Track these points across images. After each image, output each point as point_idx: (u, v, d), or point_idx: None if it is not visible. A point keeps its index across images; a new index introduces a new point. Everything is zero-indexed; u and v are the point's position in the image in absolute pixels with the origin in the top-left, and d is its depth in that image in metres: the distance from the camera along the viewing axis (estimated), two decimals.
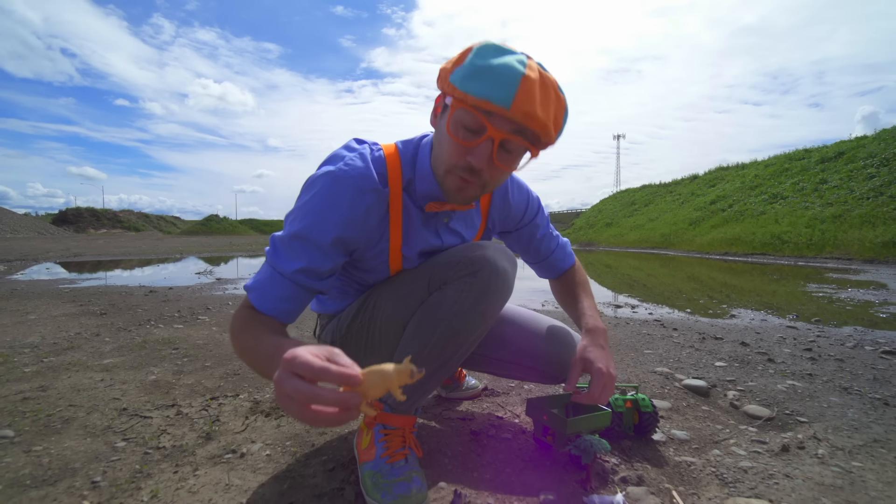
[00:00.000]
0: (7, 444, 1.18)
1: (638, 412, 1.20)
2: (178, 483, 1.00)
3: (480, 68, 0.72)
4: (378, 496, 0.87)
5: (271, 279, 0.83)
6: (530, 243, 1.17)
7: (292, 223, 0.84)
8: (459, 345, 0.91)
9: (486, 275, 0.87)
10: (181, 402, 1.48)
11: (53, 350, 2.16)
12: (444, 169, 0.83)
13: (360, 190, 0.83)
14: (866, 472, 1.06)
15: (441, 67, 0.81)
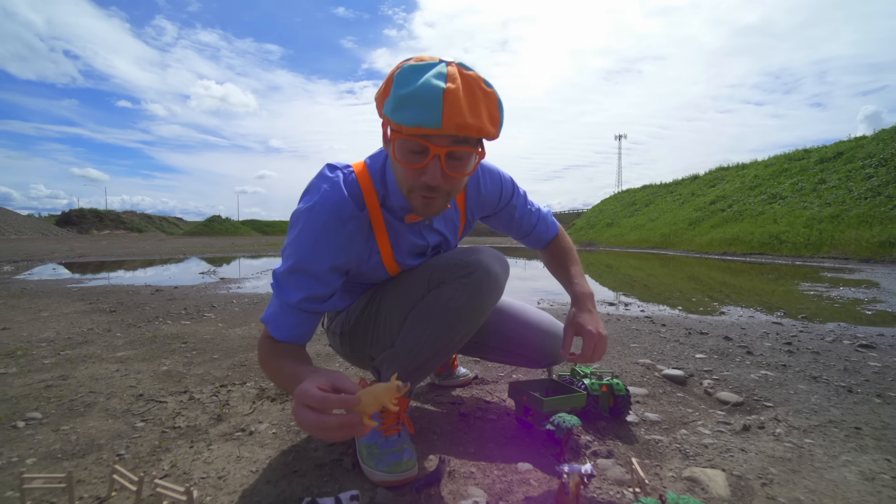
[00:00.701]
0: (36, 424, 1.30)
1: (613, 396, 1.31)
2: (195, 456, 1.11)
3: (403, 98, 0.76)
4: (373, 464, 0.98)
5: (281, 311, 0.94)
6: (511, 223, 1.25)
7: (288, 258, 0.92)
8: (452, 337, 1.02)
9: (480, 277, 0.97)
10: (193, 389, 1.60)
11: (69, 344, 2.28)
12: (406, 190, 0.88)
13: (340, 219, 0.90)
14: (816, 447, 1.16)
15: (375, 95, 0.85)
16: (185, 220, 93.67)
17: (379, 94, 0.84)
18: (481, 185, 1.14)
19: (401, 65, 0.81)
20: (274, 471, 1.04)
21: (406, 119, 0.76)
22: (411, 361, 1.03)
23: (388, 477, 0.95)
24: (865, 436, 1.23)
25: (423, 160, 0.81)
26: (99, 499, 0.92)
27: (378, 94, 0.84)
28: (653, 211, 22.95)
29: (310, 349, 2.18)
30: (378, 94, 0.84)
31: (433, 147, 0.79)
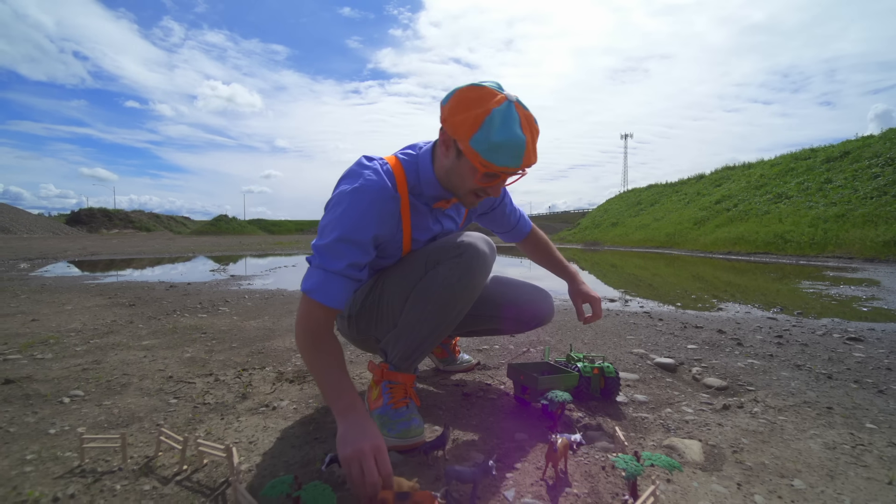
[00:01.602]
0: (80, 400, 1.44)
1: (604, 377, 1.42)
2: (226, 426, 1.24)
3: (498, 145, 0.95)
4: (385, 431, 1.10)
5: (326, 279, 1.03)
6: (501, 219, 1.50)
7: (332, 231, 1.03)
8: (448, 313, 1.14)
9: (470, 256, 1.10)
10: (217, 373, 1.73)
11: (96, 334, 2.43)
12: (465, 191, 1.09)
13: (383, 198, 1.06)
14: (787, 423, 1.27)
15: (450, 119, 0.99)
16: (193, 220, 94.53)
17: (459, 124, 0.97)
18: None
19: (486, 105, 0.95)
20: (297, 438, 1.17)
21: (499, 161, 0.96)
22: (413, 339, 1.16)
23: (399, 442, 1.08)
24: (836, 414, 1.34)
25: (495, 181, 1.06)
26: (147, 457, 1.05)
27: (458, 121, 0.97)
28: (658, 210, 22.93)
29: None
30: (458, 120, 0.97)
31: (504, 176, 1.05)
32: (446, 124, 1.01)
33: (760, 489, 0.93)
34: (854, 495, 0.91)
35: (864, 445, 1.13)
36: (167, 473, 0.99)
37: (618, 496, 0.90)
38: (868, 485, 0.95)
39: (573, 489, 0.92)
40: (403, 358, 1.19)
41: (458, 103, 0.98)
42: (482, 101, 0.96)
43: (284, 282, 5.38)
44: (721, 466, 1.03)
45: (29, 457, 1.06)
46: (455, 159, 1.05)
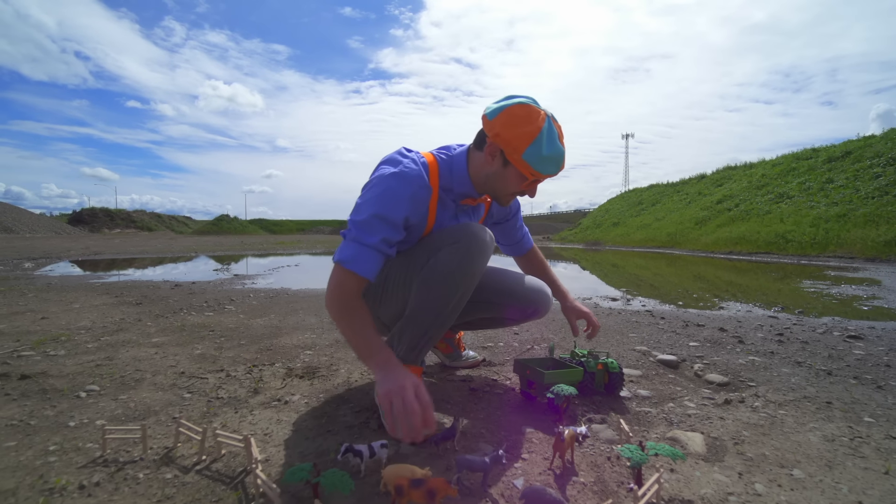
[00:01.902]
0: (97, 395, 1.48)
1: (608, 373, 1.46)
2: (240, 419, 1.28)
3: (548, 158, 1.12)
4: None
5: (360, 251, 1.12)
6: (510, 231, 1.63)
7: (370, 208, 1.12)
8: (449, 298, 1.19)
9: (467, 241, 1.17)
10: (228, 368, 1.77)
11: (106, 331, 2.47)
12: (506, 193, 1.23)
13: (418, 185, 1.16)
14: (788, 416, 1.30)
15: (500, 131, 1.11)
16: (194, 219, 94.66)
17: (513, 139, 1.11)
18: None
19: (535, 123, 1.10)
20: (310, 430, 1.20)
21: (545, 171, 1.14)
22: (418, 328, 1.22)
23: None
24: (835, 409, 1.37)
25: (534, 185, 1.22)
26: (167, 448, 1.09)
27: (511, 139, 1.11)
28: (659, 210, 22.93)
29: (327, 336, 2.35)
30: (511, 137, 1.11)
31: (540, 179, 1.20)
32: (498, 139, 1.13)
33: (761, 478, 0.96)
34: (851, 484, 0.94)
35: (863, 438, 1.16)
36: (187, 463, 1.02)
37: (623, 484, 0.93)
38: (865, 474, 0.98)
39: (580, 478, 0.96)
40: (410, 349, 1.24)
41: (509, 120, 1.11)
42: (530, 120, 1.10)
43: (287, 281, 5.41)
44: (723, 457, 1.06)
45: (51, 448, 1.10)
46: (501, 167, 1.18)
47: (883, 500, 0.89)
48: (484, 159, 1.19)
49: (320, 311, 3.17)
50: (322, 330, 2.51)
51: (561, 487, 0.92)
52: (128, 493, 0.91)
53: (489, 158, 1.18)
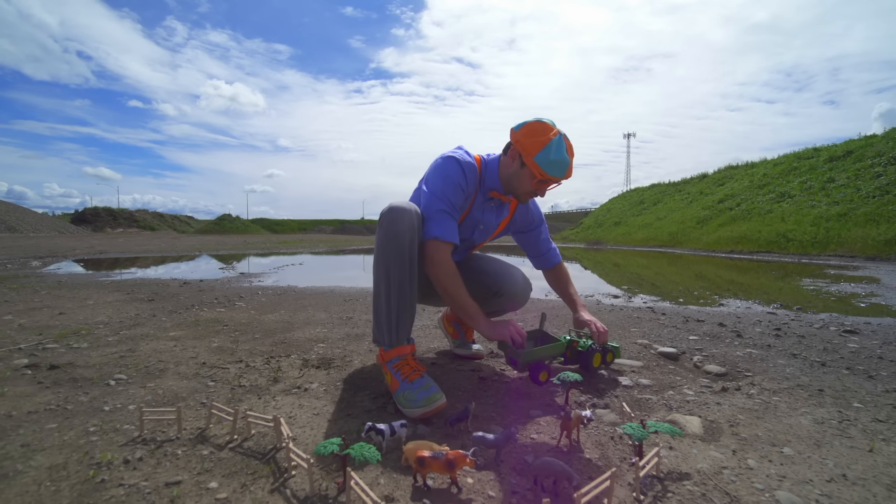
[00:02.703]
0: (125, 383, 1.56)
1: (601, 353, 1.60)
2: (265, 404, 1.36)
3: (555, 162, 1.39)
4: (410, 406, 1.23)
5: (444, 224, 1.40)
6: (535, 243, 1.82)
7: (436, 186, 1.44)
8: (387, 271, 1.33)
9: (385, 214, 1.35)
10: (246, 360, 1.85)
11: (123, 326, 2.55)
12: (524, 191, 1.50)
13: (471, 170, 1.50)
14: (781, 403, 1.38)
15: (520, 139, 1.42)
16: (196, 219, 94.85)
17: (530, 144, 1.40)
18: (530, 204, 1.76)
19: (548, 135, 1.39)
20: (331, 414, 1.28)
21: (553, 173, 1.41)
22: (379, 310, 1.38)
23: (425, 409, 1.22)
24: (826, 395, 1.44)
25: (546, 186, 1.49)
26: (200, 429, 1.17)
27: (528, 143, 1.40)
28: (661, 210, 22.97)
29: (338, 331, 2.42)
30: (528, 142, 1.40)
31: (551, 182, 1.46)
32: (518, 144, 1.44)
33: (753, 455, 1.04)
34: (837, 459, 1.02)
35: (850, 421, 1.24)
36: (220, 442, 1.10)
37: (625, 459, 1.01)
38: (850, 452, 1.06)
39: (585, 454, 1.03)
40: (386, 332, 1.37)
41: (528, 130, 1.42)
42: (544, 132, 1.40)
43: (293, 279, 5.49)
44: (719, 438, 1.14)
45: (91, 429, 1.18)
46: (519, 168, 1.46)
47: (865, 473, 0.96)
48: (507, 162, 1.50)
49: (329, 307, 3.25)
50: (332, 325, 2.59)
51: (568, 463, 1.00)
52: (169, 466, 0.99)
53: (511, 161, 1.48)
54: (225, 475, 0.95)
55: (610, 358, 1.66)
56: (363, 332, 2.38)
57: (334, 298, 3.71)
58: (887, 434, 1.16)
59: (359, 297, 3.80)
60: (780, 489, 0.90)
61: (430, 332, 2.39)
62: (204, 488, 0.90)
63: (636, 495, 0.86)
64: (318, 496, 0.87)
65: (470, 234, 1.63)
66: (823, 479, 0.94)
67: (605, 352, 1.64)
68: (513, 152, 1.46)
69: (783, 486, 0.91)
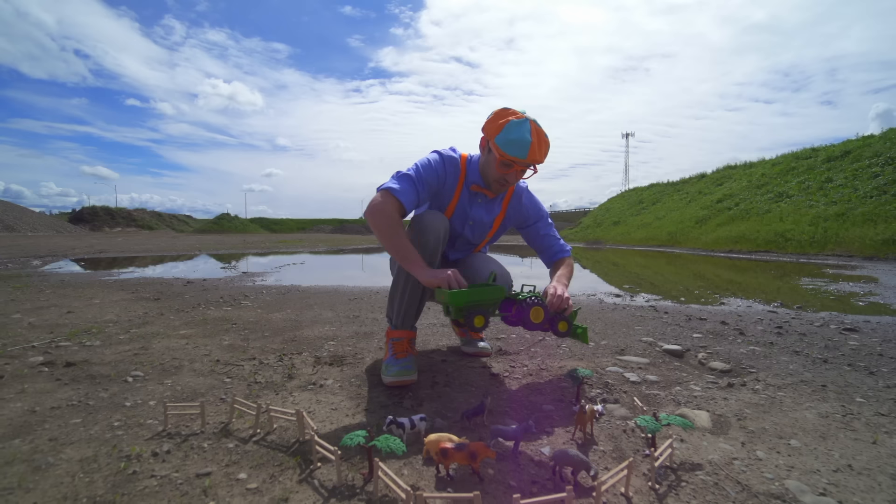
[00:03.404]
0: (142, 379, 1.59)
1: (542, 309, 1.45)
2: (282, 400, 1.39)
3: (511, 141, 1.42)
4: (387, 374, 1.49)
5: (402, 184, 1.48)
6: (535, 238, 1.80)
7: (414, 166, 1.54)
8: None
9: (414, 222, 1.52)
10: (259, 357, 1.88)
11: (133, 324, 2.57)
12: (492, 179, 1.55)
13: (451, 163, 1.61)
14: (786, 397, 1.41)
15: (485, 126, 1.49)
16: (195, 218, 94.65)
17: (490, 128, 1.47)
18: (523, 199, 1.76)
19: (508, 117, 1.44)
20: (349, 409, 1.31)
21: (510, 152, 1.44)
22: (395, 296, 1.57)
23: (394, 380, 1.45)
24: (829, 391, 1.48)
25: (510, 170, 1.50)
26: (222, 423, 1.20)
27: (489, 128, 1.47)
28: (660, 209, 23.03)
29: (347, 329, 2.45)
30: (489, 128, 1.47)
31: (516, 166, 1.48)
32: (484, 131, 1.50)
33: (762, 447, 1.07)
34: (842, 451, 1.05)
35: (854, 415, 1.28)
36: (244, 435, 1.13)
37: (638, 451, 1.04)
38: (855, 444, 1.09)
39: (599, 446, 1.07)
40: (396, 315, 1.58)
41: (491, 116, 1.48)
42: (504, 115, 1.46)
43: (296, 279, 5.52)
44: (727, 431, 1.17)
45: (115, 423, 1.21)
46: (487, 154, 1.54)
47: (870, 463, 1.00)
48: (482, 153, 1.58)
49: (335, 306, 3.28)
50: (341, 323, 2.62)
51: (584, 454, 1.03)
52: (197, 459, 1.02)
53: (482, 151, 1.57)
54: (253, 467, 0.98)
55: (563, 327, 1.48)
56: (372, 331, 2.41)
57: (339, 297, 3.74)
58: (890, 427, 1.19)
59: (363, 295, 3.83)
60: (788, 478, 0.93)
61: (438, 331, 2.42)
62: (234, 479, 0.93)
63: (651, 484, 0.89)
64: (345, 486, 0.90)
65: (461, 229, 1.69)
66: (830, 469, 0.97)
67: (554, 318, 1.48)
68: (482, 141, 1.54)
69: (792, 475, 0.95)
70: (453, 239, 1.74)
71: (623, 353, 1.96)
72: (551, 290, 1.51)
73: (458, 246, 1.77)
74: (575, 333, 1.56)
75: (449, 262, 1.80)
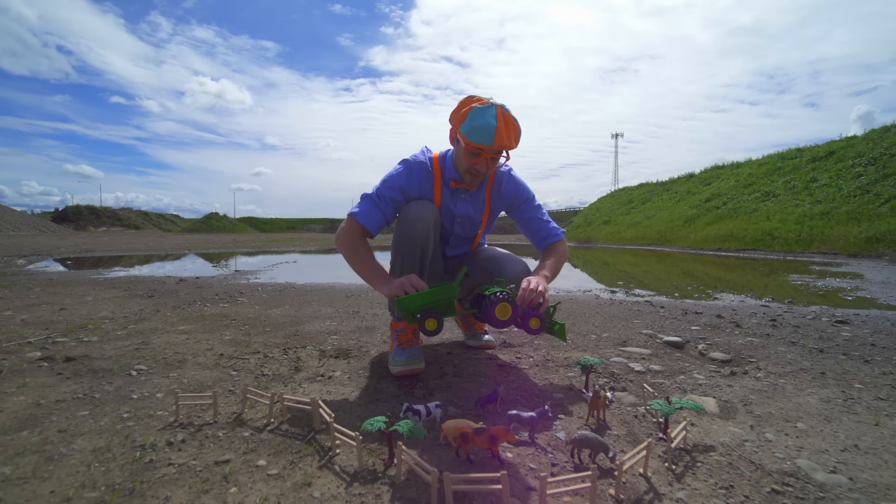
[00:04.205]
0: (147, 373, 1.57)
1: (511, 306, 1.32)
2: (291, 391, 1.38)
3: (474, 127, 1.37)
4: (394, 364, 1.50)
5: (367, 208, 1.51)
6: (521, 223, 1.74)
7: (381, 183, 1.53)
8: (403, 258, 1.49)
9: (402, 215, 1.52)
10: (263, 351, 1.87)
11: (129, 321, 2.54)
12: (464, 170, 1.51)
13: (418, 170, 1.55)
14: (788, 384, 1.45)
15: (451, 116, 1.47)
16: (182, 217, 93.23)
17: (455, 118, 1.45)
18: (502, 187, 1.66)
19: (471, 104, 1.40)
20: (360, 399, 1.31)
21: (475, 139, 1.38)
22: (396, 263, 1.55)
23: (402, 369, 1.47)
24: (828, 378, 1.52)
25: (479, 159, 1.45)
26: (235, 413, 1.19)
27: (455, 118, 1.46)
28: (649, 209, 23.30)
29: (348, 324, 2.45)
30: (455, 117, 1.46)
31: (484, 154, 1.43)
32: (450, 121, 1.48)
33: (770, 429, 1.10)
34: (847, 433, 1.08)
35: (854, 399, 1.31)
36: (258, 425, 1.13)
37: (651, 435, 1.06)
38: (858, 426, 1.13)
39: (613, 431, 1.08)
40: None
41: (458, 106, 1.45)
42: (468, 104, 1.42)
43: (291, 276, 5.48)
44: (735, 415, 1.20)
45: (125, 415, 1.20)
46: (457, 145, 1.50)
47: (875, 443, 1.03)
48: (452, 145, 1.54)
49: (333, 302, 3.27)
50: (341, 318, 2.62)
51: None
52: (213, 447, 1.01)
53: (452, 143, 1.53)
54: (271, 454, 0.98)
55: (535, 324, 1.35)
56: (374, 325, 2.41)
57: (336, 294, 3.72)
58: (890, 410, 1.23)
59: (361, 292, 3.82)
60: (799, 458, 0.96)
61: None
62: (254, 466, 0.93)
63: (668, 465, 0.91)
64: (366, 470, 0.90)
65: (451, 227, 1.66)
66: (838, 449, 1.00)
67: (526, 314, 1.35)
68: (451, 133, 1.51)
69: (802, 455, 0.97)
70: (446, 237, 1.70)
71: (625, 345, 1.99)
72: (524, 282, 1.39)
73: (452, 243, 1.74)
74: (551, 330, 1.47)
75: (448, 260, 1.78)
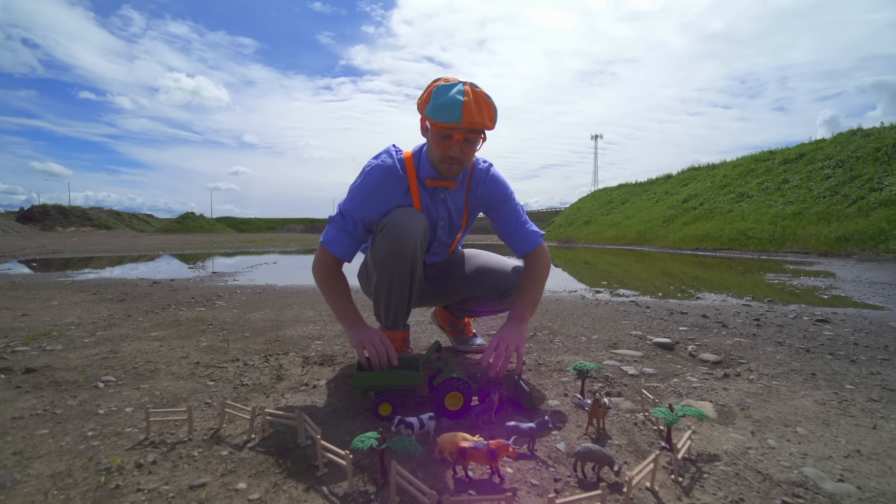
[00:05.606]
0: (115, 385, 1.46)
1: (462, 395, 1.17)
2: (275, 401, 1.30)
3: (438, 105, 1.23)
4: None
5: (336, 235, 1.40)
6: (497, 222, 1.55)
7: (348, 200, 1.41)
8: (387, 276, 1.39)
9: (388, 227, 1.35)
10: (243, 358, 1.77)
11: (97, 327, 2.39)
12: (438, 160, 1.34)
13: (387, 175, 1.39)
14: (781, 386, 1.44)
15: (418, 101, 1.33)
16: (157, 217, 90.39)
17: (421, 102, 1.32)
18: (479, 187, 1.52)
19: (437, 83, 1.27)
20: (348, 410, 1.24)
21: (440, 118, 1.24)
22: (380, 301, 1.47)
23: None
24: (819, 379, 1.52)
25: (449, 142, 1.28)
26: (212, 429, 1.10)
27: (420, 102, 1.32)
28: (629, 209, 23.71)
29: (332, 328, 2.36)
30: (420, 101, 1.32)
31: (455, 135, 1.27)
32: (418, 108, 1.33)
33: (771, 435, 1.08)
34: (847, 437, 1.07)
35: (848, 401, 1.31)
36: (237, 442, 1.04)
37: (653, 444, 1.02)
38: (857, 430, 1.12)
39: (615, 441, 1.04)
40: (385, 318, 1.49)
41: (424, 90, 1.32)
42: (431, 84, 1.29)
43: (270, 278, 5.33)
44: (734, 420, 1.18)
45: (89, 433, 1.10)
46: (427, 134, 1.36)
47: (876, 448, 1.02)
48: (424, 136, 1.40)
49: (316, 304, 3.17)
50: (324, 322, 2.53)
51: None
52: (188, 469, 0.93)
53: (423, 132, 1.39)
54: (252, 475, 0.90)
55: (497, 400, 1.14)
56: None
57: (318, 296, 3.61)
58: (884, 412, 1.23)
59: None
60: (804, 466, 0.93)
61: (429, 328, 2.37)
62: (232, 490, 0.85)
63: (675, 477, 0.87)
64: (358, 492, 0.83)
65: (434, 232, 1.53)
66: (841, 456, 0.98)
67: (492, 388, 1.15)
68: (421, 123, 1.36)
69: (807, 462, 0.95)
70: (427, 244, 1.51)
71: (616, 347, 1.97)
72: (493, 343, 1.24)
73: (433, 249, 1.59)
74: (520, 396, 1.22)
75: (427, 268, 1.65)
